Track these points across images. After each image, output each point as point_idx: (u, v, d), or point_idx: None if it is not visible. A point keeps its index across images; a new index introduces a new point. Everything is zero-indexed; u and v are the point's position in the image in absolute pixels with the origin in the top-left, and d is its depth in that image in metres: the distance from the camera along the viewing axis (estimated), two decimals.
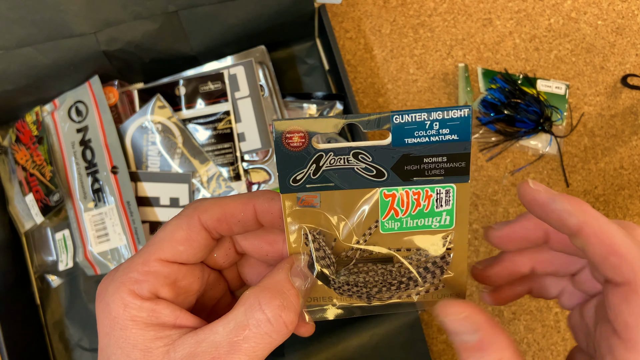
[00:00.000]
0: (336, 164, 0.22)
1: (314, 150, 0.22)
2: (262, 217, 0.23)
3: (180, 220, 0.22)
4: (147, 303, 0.21)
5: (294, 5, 0.47)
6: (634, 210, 0.55)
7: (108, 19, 0.44)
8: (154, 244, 0.22)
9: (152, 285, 0.21)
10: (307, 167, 0.22)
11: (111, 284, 0.21)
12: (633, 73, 0.58)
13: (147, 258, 0.21)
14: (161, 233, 0.22)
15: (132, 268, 0.21)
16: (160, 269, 0.21)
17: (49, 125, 0.49)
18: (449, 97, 0.57)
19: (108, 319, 0.21)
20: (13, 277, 0.49)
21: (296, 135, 0.22)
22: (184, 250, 0.22)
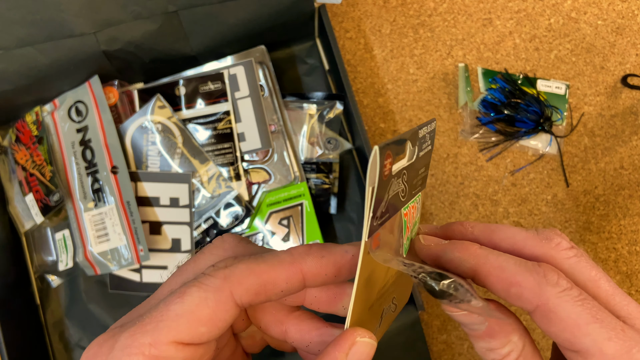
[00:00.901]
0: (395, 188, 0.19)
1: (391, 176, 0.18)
2: (312, 281, 0.20)
3: (206, 294, 0.18)
4: None
5: (294, 5, 0.47)
6: (634, 210, 0.55)
7: (108, 19, 0.44)
8: (167, 319, 0.17)
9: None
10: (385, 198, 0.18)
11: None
12: (633, 73, 0.58)
13: (156, 338, 0.17)
14: (178, 306, 0.17)
15: (135, 350, 0.17)
16: (173, 354, 0.17)
17: (49, 125, 0.49)
18: (448, 97, 0.57)
19: None
20: (13, 277, 0.49)
21: (389, 160, 0.17)
22: (206, 332, 0.18)
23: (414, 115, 0.57)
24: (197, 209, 0.49)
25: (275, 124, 0.50)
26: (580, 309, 0.18)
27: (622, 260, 0.55)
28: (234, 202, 0.49)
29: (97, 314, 0.51)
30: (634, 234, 0.55)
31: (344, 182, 0.54)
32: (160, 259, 0.48)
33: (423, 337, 0.50)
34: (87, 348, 0.18)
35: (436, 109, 0.57)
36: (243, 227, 0.50)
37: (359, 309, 0.19)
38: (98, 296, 0.51)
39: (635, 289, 0.54)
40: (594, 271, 0.20)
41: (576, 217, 0.55)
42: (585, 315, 0.18)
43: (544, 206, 0.56)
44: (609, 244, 0.55)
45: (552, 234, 0.20)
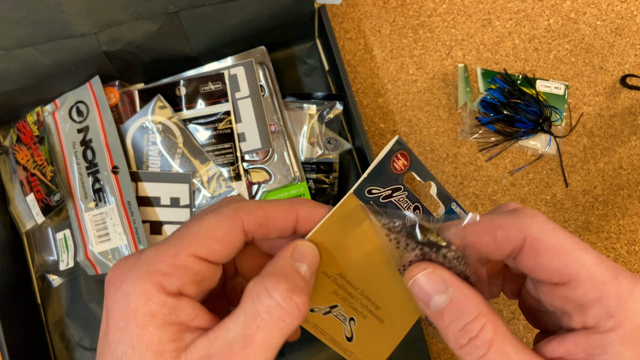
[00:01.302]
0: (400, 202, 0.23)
1: (401, 181, 0.22)
2: (303, 225, 0.22)
3: (221, 218, 0.21)
4: (170, 299, 0.19)
5: (294, 5, 0.48)
6: (633, 210, 0.55)
7: (109, 20, 0.44)
8: (187, 236, 0.20)
9: (180, 281, 0.19)
10: (385, 188, 0.22)
11: (131, 272, 0.19)
12: (632, 73, 0.58)
13: (178, 250, 0.20)
14: (196, 226, 0.21)
15: (160, 258, 0.19)
16: (191, 264, 0.20)
17: (50, 126, 0.49)
18: (448, 97, 0.57)
19: (124, 311, 0.19)
20: (14, 277, 0.50)
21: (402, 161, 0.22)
22: (219, 250, 0.21)
23: (414, 116, 0.57)
24: (197, 208, 0.49)
25: (276, 124, 0.50)
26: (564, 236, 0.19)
27: (621, 260, 0.55)
28: None
29: (97, 314, 0.51)
30: (633, 234, 0.55)
31: (344, 182, 0.54)
32: None
33: (423, 337, 0.50)
34: (114, 264, 0.20)
35: (436, 109, 0.57)
36: None
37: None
38: (99, 296, 0.51)
39: None
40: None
41: (575, 217, 0.56)
42: (570, 242, 0.19)
43: (543, 206, 0.56)
44: (608, 243, 0.55)
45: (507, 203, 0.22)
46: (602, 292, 0.17)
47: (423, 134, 0.57)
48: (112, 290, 0.19)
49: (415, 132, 0.57)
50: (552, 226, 0.19)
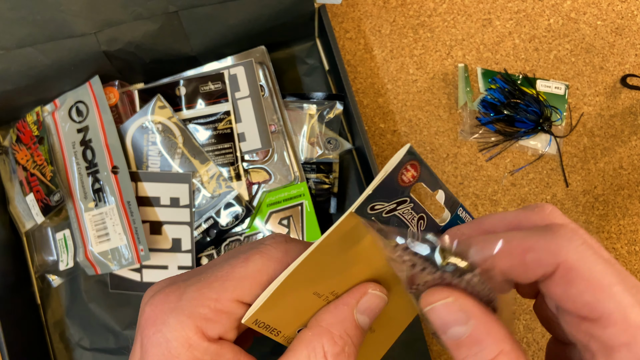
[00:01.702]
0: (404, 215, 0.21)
1: (407, 193, 0.21)
2: None
3: (269, 263, 0.20)
4: (212, 346, 0.19)
5: (294, 5, 0.47)
6: (634, 210, 0.55)
7: (108, 19, 0.44)
8: (232, 279, 0.19)
9: (222, 327, 0.19)
10: (389, 202, 0.20)
11: (172, 315, 0.19)
12: (632, 73, 0.58)
13: (221, 295, 0.19)
14: (241, 269, 0.20)
15: (203, 302, 0.19)
16: (235, 310, 0.19)
17: (50, 126, 0.49)
18: (448, 97, 0.57)
19: (165, 356, 0.18)
20: (14, 277, 0.50)
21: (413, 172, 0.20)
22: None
23: (414, 116, 0.57)
24: (197, 208, 0.49)
25: (276, 124, 0.50)
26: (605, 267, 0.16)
27: (622, 260, 0.55)
28: (234, 202, 0.49)
29: (97, 314, 0.51)
30: (633, 234, 0.55)
31: (344, 182, 0.54)
32: (161, 258, 0.49)
33: (423, 337, 0.50)
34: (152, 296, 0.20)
35: (436, 109, 0.57)
36: (243, 227, 0.50)
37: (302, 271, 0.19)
38: (98, 296, 0.51)
39: None
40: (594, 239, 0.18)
41: (575, 217, 0.56)
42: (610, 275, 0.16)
43: None
44: (608, 243, 0.55)
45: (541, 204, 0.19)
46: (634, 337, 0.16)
47: (423, 134, 0.57)
48: (152, 332, 0.19)
49: (415, 132, 0.57)
50: (592, 251, 0.17)
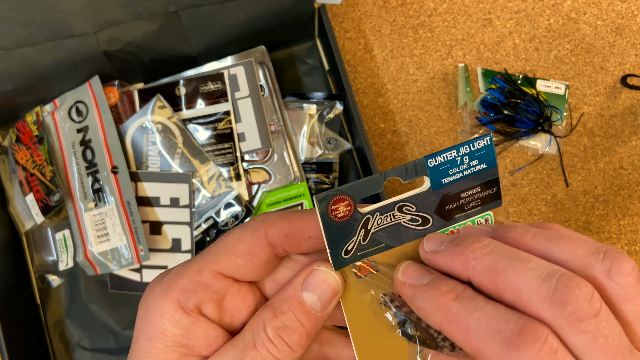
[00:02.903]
0: (383, 222, 0.21)
1: (361, 215, 0.20)
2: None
3: (244, 232, 0.20)
4: (186, 319, 0.19)
5: (294, 5, 0.47)
6: (634, 210, 0.55)
7: (108, 19, 0.44)
8: (211, 253, 0.20)
9: (198, 298, 0.19)
10: (356, 234, 0.20)
11: (157, 286, 0.20)
12: (633, 73, 0.58)
13: (201, 267, 0.20)
14: (221, 243, 0.20)
15: (183, 274, 0.20)
16: (212, 281, 0.19)
17: (50, 125, 0.49)
18: (448, 97, 0.57)
19: (142, 322, 0.19)
20: (13, 277, 0.50)
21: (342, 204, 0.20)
22: (243, 265, 0.20)
23: (414, 115, 0.57)
24: (197, 208, 0.49)
25: (275, 124, 0.50)
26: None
27: None
28: (234, 202, 0.49)
29: (97, 314, 0.51)
30: (634, 234, 0.55)
31: (344, 182, 0.54)
32: (161, 258, 0.49)
33: None
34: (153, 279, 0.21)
35: (436, 109, 0.57)
36: None
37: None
38: (98, 296, 0.51)
39: None
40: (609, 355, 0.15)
41: (576, 217, 0.55)
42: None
43: (543, 206, 0.56)
44: (609, 243, 0.55)
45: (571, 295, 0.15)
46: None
47: (423, 134, 0.57)
48: (141, 301, 0.20)
49: (415, 132, 0.57)
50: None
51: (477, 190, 0.21)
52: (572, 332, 0.15)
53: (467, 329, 0.16)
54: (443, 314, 0.17)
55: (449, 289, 0.18)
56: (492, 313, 0.16)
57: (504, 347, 0.15)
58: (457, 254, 0.18)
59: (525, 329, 0.15)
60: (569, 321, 0.15)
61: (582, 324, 0.15)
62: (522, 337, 0.15)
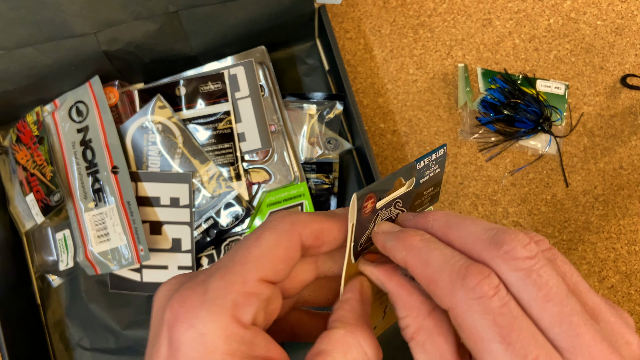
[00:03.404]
0: (384, 216, 0.23)
1: (377, 210, 0.22)
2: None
3: (279, 236, 0.20)
4: (247, 333, 0.18)
5: (294, 5, 0.47)
6: (634, 210, 0.55)
7: (108, 19, 0.44)
8: (251, 260, 0.19)
9: (254, 310, 0.18)
10: (369, 228, 0.22)
11: (204, 308, 0.18)
12: (632, 73, 0.58)
13: (246, 277, 0.19)
14: (257, 249, 0.20)
15: (230, 289, 0.18)
16: (262, 290, 0.19)
17: (50, 126, 0.49)
18: (448, 97, 0.57)
19: (200, 351, 0.17)
20: (14, 277, 0.50)
21: (369, 202, 0.21)
22: (282, 269, 0.20)
23: (414, 115, 0.57)
24: (197, 208, 0.49)
25: (276, 124, 0.50)
26: (488, 323, 0.17)
27: (622, 260, 0.55)
28: (234, 202, 0.49)
29: (97, 314, 0.51)
30: (633, 234, 0.55)
31: (343, 182, 0.54)
32: (161, 258, 0.49)
33: None
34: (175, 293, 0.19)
35: (436, 109, 0.57)
36: (243, 227, 0.50)
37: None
38: (98, 296, 0.51)
39: (635, 289, 0.54)
40: (544, 290, 0.17)
41: (575, 217, 0.56)
42: (491, 331, 0.16)
43: (543, 206, 0.56)
44: (608, 243, 0.55)
45: (507, 238, 0.18)
46: None
47: (423, 134, 0.57)
48: (183, 329, 0.18)
49: (415, 132, 0.57)
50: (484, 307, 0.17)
51: (430, 189, 0.25)
52: (507, 269, 0.17)
53: (426, 262, 0.19)
54: (407, 249, 0.20)
55: (415, 233, 0.20)
56: (449, 253, 0.19)
57: (453, 277, 0.18)
58: (421, 218, 0.21)
59: (472, 265, 0.18)
60: (504, 259, 0.17)
61: (516, 262, 0.17)
62: (469, 270, 0.17)
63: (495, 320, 0.17)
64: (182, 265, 0.49)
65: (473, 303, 0.17)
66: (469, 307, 0.17)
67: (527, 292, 0.17)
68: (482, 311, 0.17)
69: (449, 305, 0.18)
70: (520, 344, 0.16)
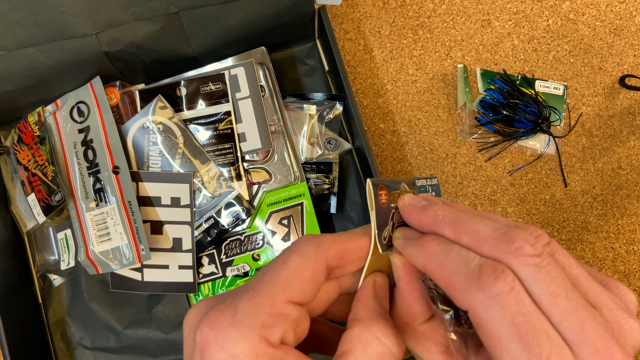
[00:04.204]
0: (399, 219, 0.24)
1: (392, 207, 0.23)
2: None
3: (306, 258, 0.21)
4: (278, 352, 0.19)
5: (295, 6, 0.48)
6: (632, 210, 0.56)
7: (109, 20, 0.44)
8: (279, 282, 0.20)
9: (282, 330, 0.19)
10: (389, 223, 0.23)
11: (233, 329, 0.18)
12: (631, 74, 0.58)
13: (274, 298, 0.19)
14: (284, 271, 0.20)
15: (259, 310, 0.19)
16: (290, 311, 0.20)
17: (51, 126, 0.49)
18: (447, 97, 0.57)
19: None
20: (15, 276, 0.50)
21: (383, 192, 0.23)
22: (309, 291, 0.21)
23: (413, 116, 0.57)
24: (198, 208, 0.49)
25: (276, 124, 0.50)
26: (507, 322, 0.17)
27: (620, 259, 0.55)
28: (235, 201, 0.49)
29: (98, 313, 0.51)
30: (632, 234, 0.55)
31: (343, 182, 0.54)
32: (162, 258, 0.49)
33: None
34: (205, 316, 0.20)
35: (435, 110, 0.57)
36: (244, 226, 0.50)
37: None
38: (100, 295, 0.51)
39: (633, 288, 0.55)
40: (553, 285, 0.18)
41: (574, 217, 0.56)
42: (509, 331, 0.17)
43: (542, 206, 0.56)
44: (607, 243, 0.55)
45: (517, 236, 0.19)
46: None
47: (423, 134, 0.57)
48: (214, 350, 0.18)
49: (414, 132, 0.57)
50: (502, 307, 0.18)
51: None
52: (519, 264, 0.18)
53: (443, 265, 0.20)
54: (426, 255, 0.21)
55: (432, 238, 0.21)
56: (464, 254, 0.20)
57: (468, 277, 0.19)
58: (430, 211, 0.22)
59: (485, 263, 0.19)
60: (515, 254, 0.18)
61: (527, 258, 0.18)
62: (482, 269, 0.18)
63: (513, 320, 0.17)
64: (183, 265, 0.49)
65: (491, 303, 0.18)
66: (487, 308, 0.18)
67: (538, 287, 0.18)
68: (500, 311, 0.18)
69: (468, 307, 0.19)
70: (536, 342, 0.17)
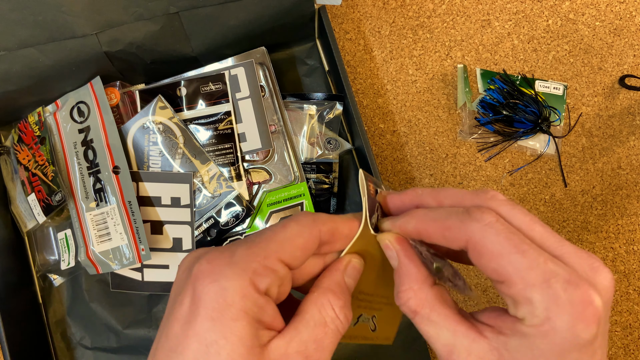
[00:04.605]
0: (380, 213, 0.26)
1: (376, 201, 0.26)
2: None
3: (303, 227, 0.23)
4: (261, 298, 0.21)
5: (295, 6, 0.48)
6: (632, 210, 0.56)
7: (109, 20, 0.44)
8: (274, 241, 0.22)
9: (269, 282, 0.21)
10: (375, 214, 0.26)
11: (229, 267, 0.21)
12: (631, 74, 0.58)
13: (268, 253, 0.22)
14: (281, 234, 0.23)
15: (253, 259, 0.21)
16: (279, 268, 0.22)
17: (51, 126, 0.49)
18: (447, 97, 0.57)
19: (219, 303, 0.20)
20: (15, 276, 0.50)
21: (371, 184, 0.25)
22: (299, 257, 0.23)
23: (413, 116, 0.57)
24: (198, 208, 0.49)
25: (276, 124, 0.50)
26: (503, 240, 0.21)
27: (620, 259, 0.55)
28: (235, 201, 0.49)
29: (99, 313, 0.51)
30: (632, 234, 0.55)
31: (343, 182, 0.54)
32: (162, 258, 0.49)
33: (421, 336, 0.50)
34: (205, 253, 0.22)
35: (435, 110, 0.57)
36: (244, 226, 0.50)
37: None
38: (100, 295, 0.51)
39: (633, 288, 0.55)
40: (528, 217, 0.22)
41: (574, 217, 0.56)
42: (508, 246, 0.20)
43: (542, 206, 0.56)
44: (607, 243, 0.55)
45: (488, 190, 0.23)
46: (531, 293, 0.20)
47: (422, 134, 0.57)
48: (208, 281, 0.21)
49: (414, 132, 0.57)
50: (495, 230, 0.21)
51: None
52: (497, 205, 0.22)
53: (434, 218, 0.23)
54: (416, 219, 0.24)
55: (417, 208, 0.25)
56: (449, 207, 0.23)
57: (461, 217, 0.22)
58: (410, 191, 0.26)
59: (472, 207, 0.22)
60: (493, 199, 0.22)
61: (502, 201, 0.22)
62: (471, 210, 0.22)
63: (507, 236, 0.20)
64: None
65: (486, 228, 0.21)
66: (483, 233, 0.21)
67: (516, 219, 0.22)
68: (494, 233, 0.21)
69: (466, 238, 0.21)
70: (530, 252, 0.20)
